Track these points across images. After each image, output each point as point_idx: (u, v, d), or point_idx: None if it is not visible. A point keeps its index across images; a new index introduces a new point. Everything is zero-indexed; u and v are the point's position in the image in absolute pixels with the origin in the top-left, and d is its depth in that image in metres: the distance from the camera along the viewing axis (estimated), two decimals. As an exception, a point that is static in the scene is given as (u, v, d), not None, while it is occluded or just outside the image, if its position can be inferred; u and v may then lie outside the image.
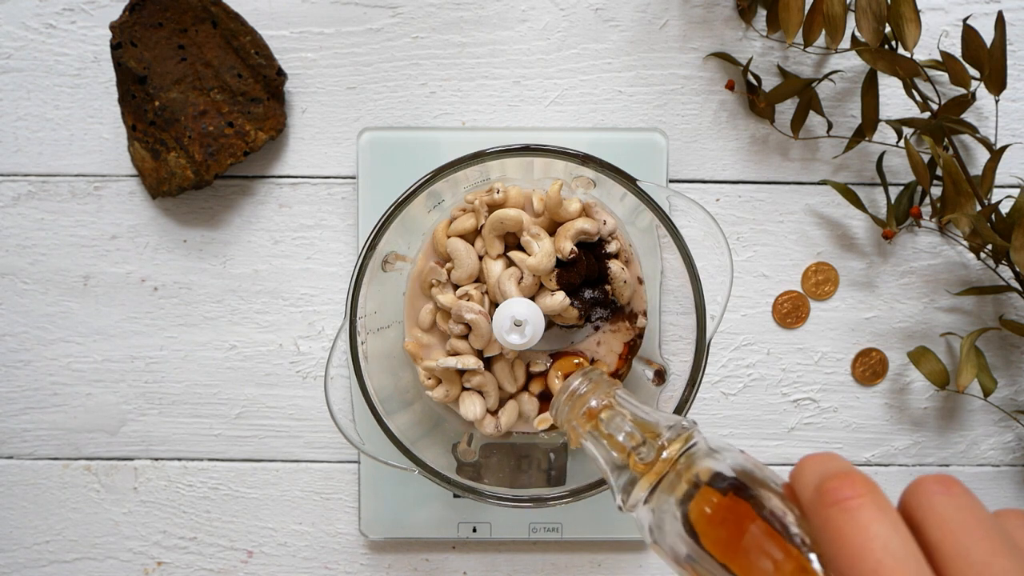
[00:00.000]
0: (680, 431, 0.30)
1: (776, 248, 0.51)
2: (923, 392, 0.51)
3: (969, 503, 0.21)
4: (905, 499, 0.22)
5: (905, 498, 0.22)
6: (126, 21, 0.47)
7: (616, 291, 0.43)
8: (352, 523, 0.51)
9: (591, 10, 0.50)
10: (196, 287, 0.51)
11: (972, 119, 0.49)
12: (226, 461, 0.51)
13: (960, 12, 0.50)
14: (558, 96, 0.50)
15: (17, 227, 0.51)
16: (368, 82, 0.50)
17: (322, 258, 0.51)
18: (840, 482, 0.22)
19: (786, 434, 0.51)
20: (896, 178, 0.50)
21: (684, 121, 0.50)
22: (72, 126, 0.50)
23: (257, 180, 0.51)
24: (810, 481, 0.23)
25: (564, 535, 0.50)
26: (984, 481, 0.51)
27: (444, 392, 0.44)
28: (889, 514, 0.21)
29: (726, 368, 0.51)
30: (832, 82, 0.50)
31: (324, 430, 0.51)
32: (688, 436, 0.30)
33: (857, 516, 0.21)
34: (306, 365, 0.51)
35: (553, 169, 0.42)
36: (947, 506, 0.21)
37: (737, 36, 0.50)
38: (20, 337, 0.51)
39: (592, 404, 0.34)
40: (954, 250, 0.50)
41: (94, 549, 0.52)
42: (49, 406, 0.51)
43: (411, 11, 0.50)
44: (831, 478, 0.22)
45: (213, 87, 0.48)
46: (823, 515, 0.21)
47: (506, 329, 0.40)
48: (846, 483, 0.21)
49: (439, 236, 0.43)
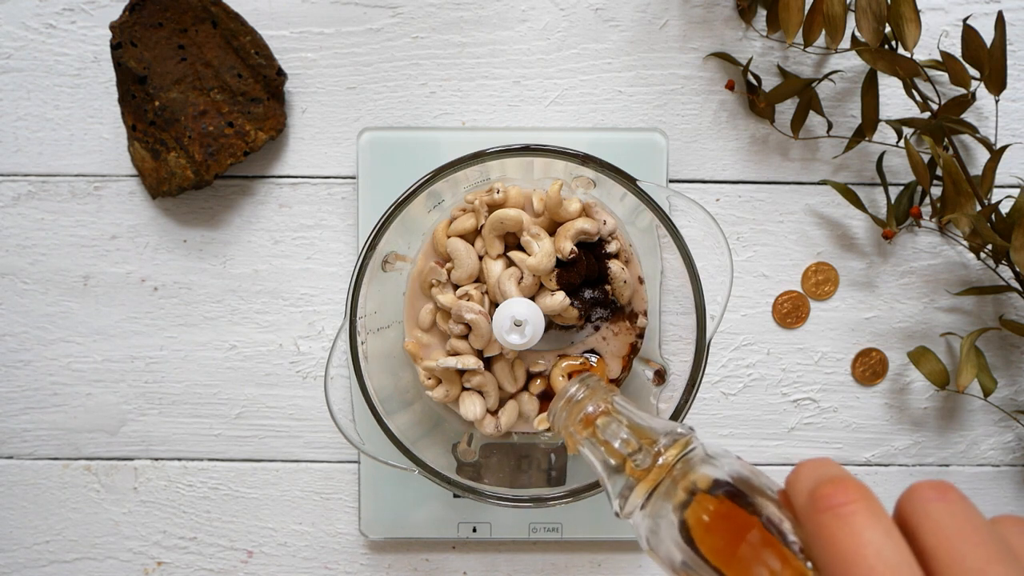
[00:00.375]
0: (677, 437, 0.30)
1: (776, 248, 0.51)
2: (923, 392, 0.51)
3: (965, 509, 0.21)
4: (900, 505, 0.22)
5: (900, 504, 0.22)
6: (126, 21, 0.47)
7: (616, 291, 0.43)
8: (352, 523, 0.51)
9: (591, 10, 0.50)
10: (196, 287, 0.51)
11: (972, 119, 0.49)
12: (226, 461, 0.51)
13: (960, 12, 0.50)
14: (558, 96, 0.50)
15: (17, 227, 0.51)
16: (368, 82, 0.50)
17: (322, 258, 0.51)
18: (834, 488, 0.21)
19: (786, 434, 0.51)
20: (896, 178, 0.50)
21: (684, 121, 0.50)
22: (72, 126, 0.50)
23: (257, 180, 0.51)
24: (804, 487, 0.23)
25: (564, 535, 0.50)
26: (984, 481, 0.51)
27: (444, 392, 0.44)
28: (883, 520, 0.21)
29: (726, 368, 0.51)
30: (832, 82, 0.50)
31: (324, 430, 0.51)
32: (685, 442, 0.30)
33: (850, 522, 0.21)
34: (306, 365, 0.51)
35: (553, 169, 0.42)
36: (942, 512, 0.21)
37: (737, 36, 0.50)
38: (20, 337, 0.51)
39: (589, 410, 0.34)
40: (954, 250, 0.50)
41: (94, 549, 0.52)
42: (49, 406, 0.51)
43: (411, 11, 0.50)
44: (825, 484, 0.22)
45: (213, 87, 0.48)
46: (816, 521, 0.21)
47: (506, 329, 0.40)
48: (840, 489, 0.21)
49: (439, 236, 0.43)
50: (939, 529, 0.20)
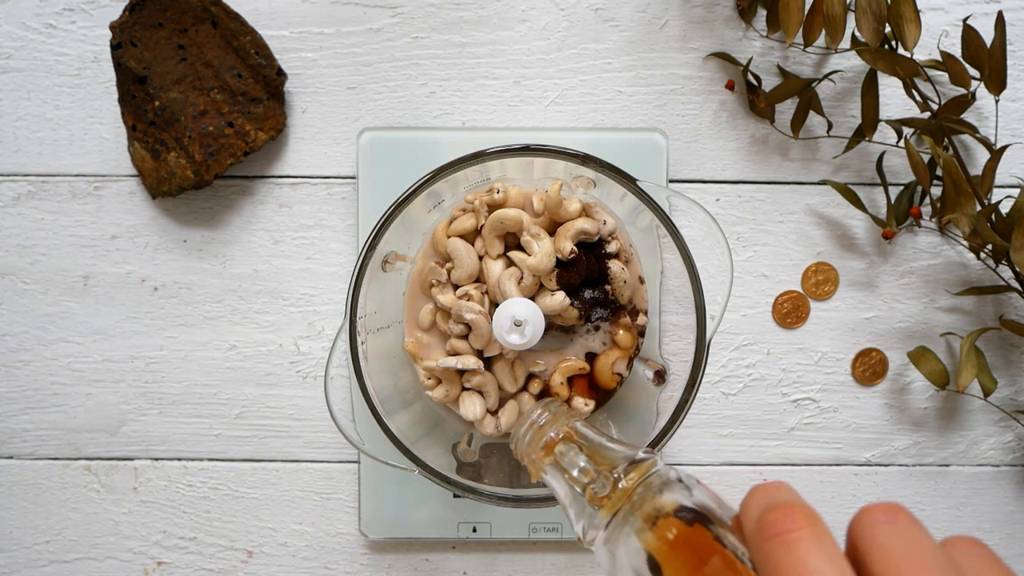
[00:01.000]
0: (638, 462, 0.29)
1: (776, 248, 0.51)
2: (923, 392, 0.51)
3: (914, 533, 0.20)
4: (851, 529, 0.22)
5: (851, 528, 0.22)
6: (126, 21, 0.47)
7: (616, 291, 0.43)
8: (352, 523, 0.51)
9: (591, 10, 0.50)
10: (196, 287, 0.51)
11: (972, 119, 0.49)
12: (226, 461, 0.51)
13: (960, 12, 0.50)
14: (558, 96, 0.50)
15: (17, 227, 0.51)
16: (368, 82, 0.50)
17: (322, 258, 0.51)
18: (781, 514, 0.21)
19: (786, 434, 0.51)
20: (896, 178, 0.50)
21: (684, 121, 0.50)
22: (72, 126, 0.50)
23: (257, 180, 0.51)
24: (754, 514, 0.22)
25: (564, 535, 0.50)
26: (984, 481, 0.51)
27: (444, 392, 0.44)
28: (827, 547, 0.20)
29: (726, 368, 0.51)
30: (832, 82, 0.50)
31: (324, 430, 0.51)
32: (646, 467, 0.29)
33: (795, 549, 0.20)
34: (306, 365, 0.51)
35: (553, 169, 0.42)
36: (890, 535, 0.20)
37: (737, 36, 0.50)
38: (20, 337, 0.51)
39: (551, 435, 0.34)
40: (954, 250, 0.50)
41: (94, 549, 0.52)
42: (49, 406, 0.51)
43: (411, 11, 0.50)
44: (772, 510, 0.21)
45: (213, 87, 0.48)
46: (763, 548, 0.21)
47: (506, 329, 0.40)
48: (787, 515, 0.21)
49: (439, 236, 0.43)
50: (887, 554, 0.20)
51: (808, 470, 0.51)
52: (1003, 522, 0.51)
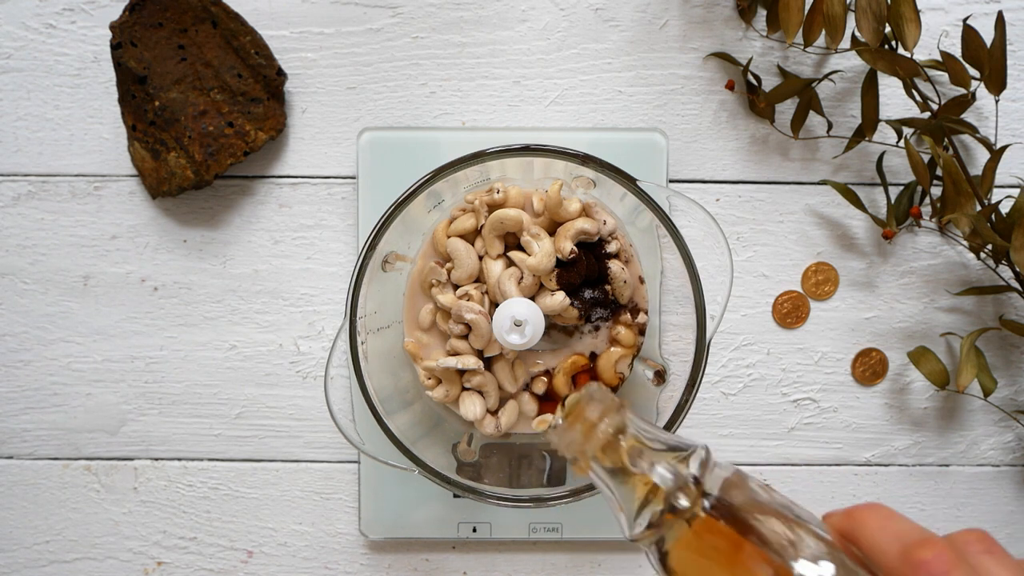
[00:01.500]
0: (693, 453, 0.29)
1: (776, 248, 0.51)
2: (923, 392, 0.51)
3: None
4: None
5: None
6: (126, 21, 0.47)
7: (616, 291, 0.43)
8: (352, 523, 0.51)
9: (591, 10, 0.50)
10: (196, 287, 0.51)
11: (972, 119, 0.49)
12: (226, 461, 0.51)
13: (960, 12, 0.50)
14: (558, 96, 0.50)
15: (17, 227, 0.51)
16: (368, 82, 0.50)
17: (322, 258, 0.51)
18: (930, 553, 0.23)
19: (786, 434, 0.51)
20: (896, 178, 0.50)
21: (684, 121, 0.50)
22: (72, 126, 0.50)
23: (257, 180, 0.51)
24: (890, 547, 0.24)
25: (564, 535, 0.50)
26: (984, 481, 0.51)
27: (444, 392, 0.44)
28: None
29: (726, 368, 0.51)
30: (832, 82, 0.50)
31: (324, 430, 0.51)
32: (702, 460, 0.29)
33: None
34: (306, 365, 0.51)
35: (553, 169, 0.42)
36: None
37: (737, 36, 0.50)
38: (20, 337, 0.51)
39: (609, 432, 0.31)
40: (954, 250, 0.50)
41: (94, 549, 0.52)
42: (49, 406, 0.51)
43: (411, 11, 0.50)
44: (919, 547, 0.23)
45: (213, 87, 0.48)
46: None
47: (506, 329, 0.40)
48: (938, 556, 0.23)
49: (439, 236, 0.44)
50: None
51: (808, 470, 0.51)
52: (1003, 522, 0.52)
